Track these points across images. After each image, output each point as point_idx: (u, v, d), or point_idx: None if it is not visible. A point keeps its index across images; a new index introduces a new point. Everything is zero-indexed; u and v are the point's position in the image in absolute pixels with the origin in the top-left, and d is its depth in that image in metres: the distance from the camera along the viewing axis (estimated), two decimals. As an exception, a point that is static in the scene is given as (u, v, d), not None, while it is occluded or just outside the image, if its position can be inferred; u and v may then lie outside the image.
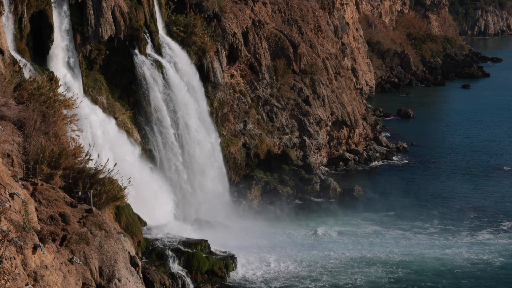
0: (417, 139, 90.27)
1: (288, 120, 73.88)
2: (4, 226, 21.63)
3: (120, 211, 42.50)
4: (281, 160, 69.47)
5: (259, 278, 46.35)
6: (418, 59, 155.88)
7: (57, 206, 30.74)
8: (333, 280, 46.20)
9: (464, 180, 72.29)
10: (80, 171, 35.38)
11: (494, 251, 51.89)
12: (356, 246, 52.64)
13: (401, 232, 56.29)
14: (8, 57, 40.73)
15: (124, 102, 55.13)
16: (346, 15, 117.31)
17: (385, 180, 72.37)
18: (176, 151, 56.68)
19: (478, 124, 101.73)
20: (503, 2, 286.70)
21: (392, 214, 60.80)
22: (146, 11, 56.23)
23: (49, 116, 36.36)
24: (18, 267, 21.41)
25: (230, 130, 67.19)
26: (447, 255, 50.86)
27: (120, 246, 31.41)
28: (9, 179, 25.38)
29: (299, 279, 46.38)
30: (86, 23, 50.63)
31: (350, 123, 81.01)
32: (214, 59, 64.04)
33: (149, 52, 56.33)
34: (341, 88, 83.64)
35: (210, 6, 66.13)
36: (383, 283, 45.99)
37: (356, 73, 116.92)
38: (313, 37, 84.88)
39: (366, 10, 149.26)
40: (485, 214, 61.19)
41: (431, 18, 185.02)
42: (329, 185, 67.55)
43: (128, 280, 30.69)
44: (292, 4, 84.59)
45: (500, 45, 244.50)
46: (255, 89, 71.95)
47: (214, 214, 56.95)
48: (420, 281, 46.41)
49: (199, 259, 45.06)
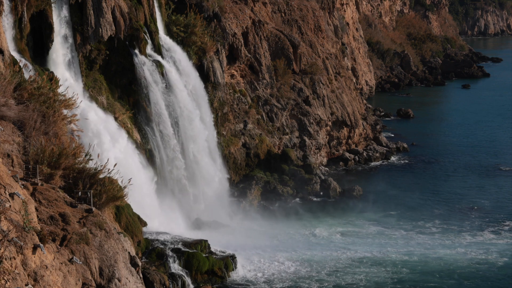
0: (417, 139, 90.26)
1: (288, 120, 73.88)
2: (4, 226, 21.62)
3: (120, 211, 42.50)
4: (281, 160, 69.47)
5: (259, 278, 46.32)
6: (418, 59, 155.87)
7: (57, 206, 30.74)
8: (336, 280, 46.14)
9: (464, 180, 72.28)
10: (80, 171, 35.38)
11: (496, 251, 51.88)
12: (358, 246, 52.57)
13: (404, 232, 56.24)
14: (8, 57, 40.73)
15: (124, 102, 55.12)
16: (346, 15, 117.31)
17: (385, 180, 72.34)
18: (176, 151, 56.65)
19: (478, 124, 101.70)
20: (503, 2, 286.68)
21: (394, 214, 60.78)
22: (146, 11, 56.22)
23: (49, 116, 36.36)
24: (18, 267, 21.40)
25: (230, 130, 67.19)
26: (450, 255, 50.84)
27: (120, 246, 31.40)
28: (9, 179, 25.37)
29: (300, 279, 46.34)
30: (86, 23, 50.62)
31: (350, 123, 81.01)
32: (214, 59, 64.04)
33: (149, 52, 56.32)
34: (341, 88, 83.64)
35: (210, 6, 66.12)
36: (386, 283, 45.94)
37: (356, 73, 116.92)
38: (313, 37, 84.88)
39: (366, 10, 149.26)
40: (486, 214, 61.18)
41: (431, 18, 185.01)
42: (329, 185, 67.56)
43: (128, 280, 30.68)
44: (292, 4, 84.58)
45: (500, 45, 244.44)
46: (255, 89, 71.95)
47: (214, 214, 56.94)
48: (423, 281, 46.36)
49: (199, 259, 45.05)
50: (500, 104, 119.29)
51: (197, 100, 60.10)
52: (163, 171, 55.73)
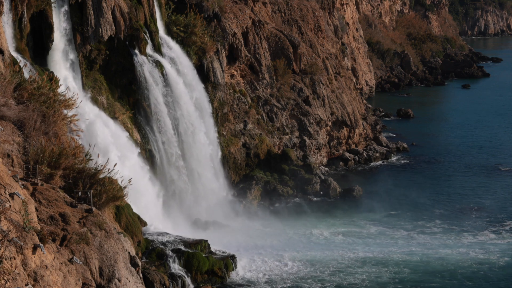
0: (417, 139, 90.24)
1: (288, 120, 73.87)
2: (4, 226, 21.61)
3: (120, 211, 42.49)
4: (281, 160, 69.46)
5: (259, 278, 46.30)
6: (418, 59, 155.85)
7: (57, 206, 30.73)
8: (338, 280, 46.11)
9: (465, 180, 72.28)
10: (80, 171, 35.38)
11: (498, 251, 51.88)
12: (359, 246, 52.53)
13: (405, 232, 56.20)
14: (8, 57, 40.72)
15: (124, 102, 55.12)
16: (346, 15, 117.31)
17: (385, 180, 72.31)
18: (176, 151, 56.65)
19: (478, 124, 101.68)
20: (503, 2, 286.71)
21: (394, 214, 60.75)
22: (146, 11, 56.21)
23: (49, 116, 36.36)
24: (18, 267, 21.39)
25: (230, 130, 67.18)
26: (451, 255, 50.85)
27: (120, 246, 31.39)
28: (9, 179, 25.36)
29: (302, 279, 46.30)
30: (86, 23, 50.61)
31: (350, 123, 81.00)
32: (214, 59, 64.02)
33: (149, 52, 56.31)
34: (341, 88, 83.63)
35: (210, 6, 66.12)
36: (388, 283, 45.92)
37: (356, 73, 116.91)
38: (313, 37, 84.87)
39: (366, 10, 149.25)
40: (486, 214, 61.18)
41: (431, 18, 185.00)
42: (329, 185, 67.55)
43: (128, 280, 30.67)
44: (292, 4, 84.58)
45: (500, 45, 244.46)
46: (255, 89, 71.94)
47: (214, 214, 56.93)
48: (424, 281, 46.34)
49: (199, 259, 45.04)
50: (500, 104, 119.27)
51: (196, 99, 60.05)
52: (163, 170, 55.73)
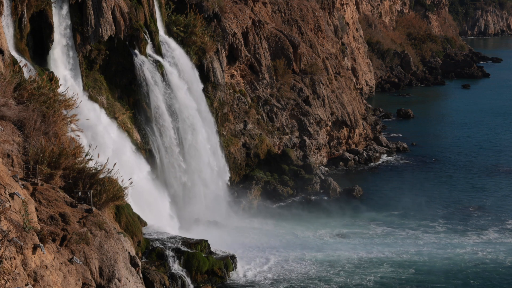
0: (417, 139, 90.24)
1: (288, 120, 73.87)
2: (4, 226, 21.61)
3: (120, 211, 42.47)
4: (281, 160, 69.46)
5: (259, 278, 46.28)
6: (418, 59, 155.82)
7: (57, 206, 30.73)
8: (343, 280, 46.05)
9: (465, 180, 72.29)
10: (80, 171, 35.37)
11: (502, 250, 51.92)
12: (362, 246, 52.52)
13: (410, 232, 56.16)
14: (8, 57, 40.72)
15: (124, 102, 55.12)
16: (346, 15, 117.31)
17: (385, 180, 72.33)
18: (176, 151, 56.64)
19: (478, 124, 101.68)
20: (503, 2, 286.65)
21: (395, 214, 60.74)
22: (146, 11, 56.21)
23: (49, 116, 36.36)
24: (18, 267, 21.39)
25: (230, 130, 67.18)
26: (456, 255, 50.88)
27: (120, 246, 31.39)
28: (9, 179, 25.37)
29: (306, 279, 46.22)
30: (86, 23, 50.61)
31: (350, 123, 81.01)
32: (214, 59, 64.02)
33: (149, 52, 56.30)
34: (341, 88, 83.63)
35: (210, 6, 66.12)
36: (393, 283, 45.87)
37: (356, 73, 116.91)
38: (313, 37, 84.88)
39: (366, 10, 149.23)
40: (488, 214, 61.21)
41: (431, 18, 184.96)
42: (329, 185, 67.55)
43: (128, 280, 30.67)
44: (292, 4, 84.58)
45: (500, 45, 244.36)
46: (255, 89, 71.94)
47: (214, 214, 56.93)
48: (429, 281, 46.33)
49: (199, 259, 45.03)
50: (500, 104, 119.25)
51: (197, 100, 60.06)
52: (163, 170, 55.71)
